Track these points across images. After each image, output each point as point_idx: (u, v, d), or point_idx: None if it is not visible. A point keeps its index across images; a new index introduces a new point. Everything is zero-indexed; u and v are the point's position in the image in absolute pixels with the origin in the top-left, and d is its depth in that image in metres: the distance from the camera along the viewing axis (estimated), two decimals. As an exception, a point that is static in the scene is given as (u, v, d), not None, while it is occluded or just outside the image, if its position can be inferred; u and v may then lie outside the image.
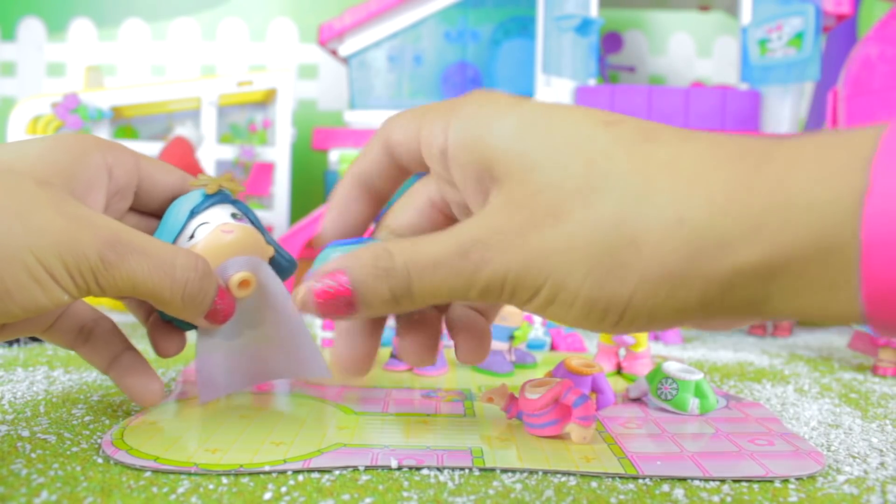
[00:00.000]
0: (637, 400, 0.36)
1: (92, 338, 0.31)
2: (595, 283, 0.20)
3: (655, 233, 0.19)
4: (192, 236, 0.30)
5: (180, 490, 0.23)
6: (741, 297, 0.19)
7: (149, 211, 0.32)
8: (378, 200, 0.29)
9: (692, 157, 0.20)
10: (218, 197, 0.31)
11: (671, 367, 0.35)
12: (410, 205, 0.28)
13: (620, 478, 0.25)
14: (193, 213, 0.30)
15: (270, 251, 0.32)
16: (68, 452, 0.26)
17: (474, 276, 0.21)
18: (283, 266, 0.33)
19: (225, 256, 0.29)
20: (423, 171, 0.27)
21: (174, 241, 0.30)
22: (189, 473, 0.25)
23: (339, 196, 0.29)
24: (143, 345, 0.36)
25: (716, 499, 0.24)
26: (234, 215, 0.31)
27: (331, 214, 0.29)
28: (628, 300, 0.20)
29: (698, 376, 0.34)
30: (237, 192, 0.31)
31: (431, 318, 0.28)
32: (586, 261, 0.20)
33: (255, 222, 0.32)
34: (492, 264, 0.21)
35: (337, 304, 0.23)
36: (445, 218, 0.28)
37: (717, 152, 0.20)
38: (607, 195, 0.20)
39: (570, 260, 0.20)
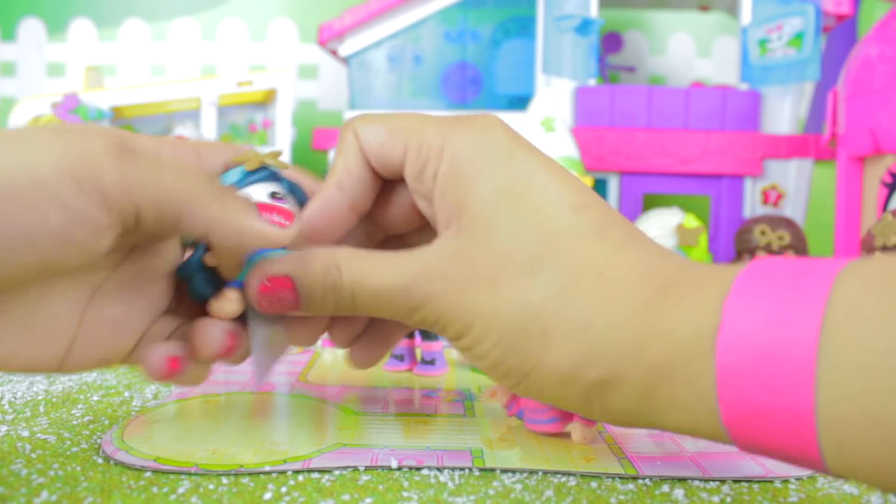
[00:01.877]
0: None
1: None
2: (502, 353, 0.23)
3: (563, 332, 0.22)
4: None
5: (180, 490, 0.23)
6: (620, 406, 0.22)
7: None
8: (359, 211, 0.28)
9: (620, 266, 0.22)
10: (261, 174, 0.28)
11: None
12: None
13: (620, 478, 0.25)
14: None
15: None
16: (68, 452, 0.26)
17: (412, 312, 0.24)
18: None
19: None
20: (383, 173, 0.27)
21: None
22: (189, 473, 0.25)
23: (327, 207, 0.28)
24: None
25: (716, 499, 0.24)
26: (273, 194, 0.28)
27: (309, 223, 0.27)
28: (525, 376, 0.23)
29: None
30: (282, 167, 0.28)
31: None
32: (500, 333, 0.23)
33: (302, 200, 0.29)
34: (428, 306, 0.24)
35: (281, 304, 0.25)
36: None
37: (638, 267, 0.22)
38: (538, 284, 0.22)
39: (489, 328, 0.23)
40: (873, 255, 0.19)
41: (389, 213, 0.29)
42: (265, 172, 0.28)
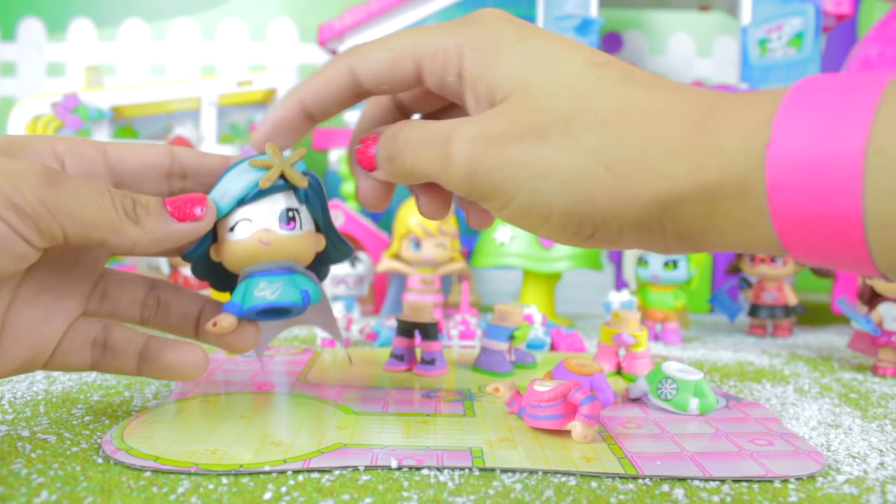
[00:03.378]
0: (637, 400, 0.36)
1: (109, 344, 0.29)
2: (570, 200, 0.24)
3: (626, 162, 0.23)
4: (232, 228, 0.28)
5: (180, 490, 0.23)
6: (688, 226, 0.23)
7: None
8: (310, 125, 0.30)
9: (659, 103, 0.23)
10: (278, 184, 0.28)
11: (671, 367, 0.35)
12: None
13: (620, 478, 0.25)
14: (242, 202, 0.28)
15: (321, 244, 0.30)
16: (68, 452, 0.26)
17: (448, 164, 0.25)
18: (335, 256, 0.32)
19: (259, 260, 0.28)
20: (390, 93, 0.29)
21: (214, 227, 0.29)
22: (189, 473, 0.25)
23: (279, 118, 0.29)
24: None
25: (716, 499, 0.24)
26: (289, 211, 0.28)
27: (265, 133, 0.29)
28: (602, 217, 0.24)
29: (698, 376, 0.34)
30: (301, 184, 0.29)
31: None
32: (563, 181, 0.23)
33: (318, 211, 0.30)
34: (464, 157, 0.24)
35: (367, 159, 0.28)
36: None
37: (677, 101, 0.23)
38: (588, 127, 0.23)
39: (547, 177, 0.24)
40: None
41: (411, 102, 0.31)
42: (280, 183, 0.28)
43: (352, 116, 0.88)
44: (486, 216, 0.31)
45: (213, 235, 0.29)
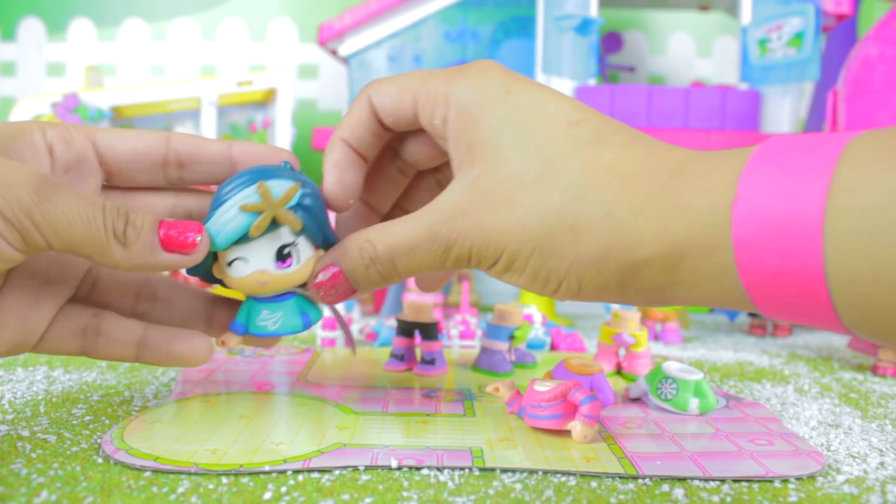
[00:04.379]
0: (637, 400, 0.36)
1: (103, 330, 0.29)
2: (539, 258, 0.25)
3: (589, 223, 0.24)
4: (229, 264, 0.28)
5: (180, 490, 0.23)
6: (651, 283, 0.24)
7: (174, 183, 0.30)
8: (365, 162, 0.31)
9: (629, 162, 0.24)
10: (271, 225, 0.27)
11: (671, 367, 0.35)
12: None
13: (620, 478, 0.25)
14: (237, 241, 0.27)
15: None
16: (68, 452, 0.26)
17: (445, 254, 0.27)
18: None
19: (256, 294, 0.29)
20: (407, 130, 0.30)
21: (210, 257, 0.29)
22: (189, 473, 0.25)
23: (337, 161, 0.30)
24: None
25: (716, 499, 0.24)
26: (283, 249, 0.28)
27: (333, 180, 0.30)
28: (564, 274, 0.25)
29: (698, 376, 0.34)
30: (295, 227, 0.27)
31: None
32: (533, 241, 0.25)
33: (316, 234, 0.29)
34: (457, 243, 0.26)
35: (338, 291, 0.28)
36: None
37: (647, 161, 0.24)
38: (555, 189, 0.25)
39: (522, 240, 0.25)
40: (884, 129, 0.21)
41: (415, 152, 0.32)
42: (274, 224, 0.27)
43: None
44: (439, 281, 0.33)
45: (213, 255, 0.29)
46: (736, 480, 0.25)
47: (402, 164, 0.32)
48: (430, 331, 0.42)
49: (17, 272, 0.27)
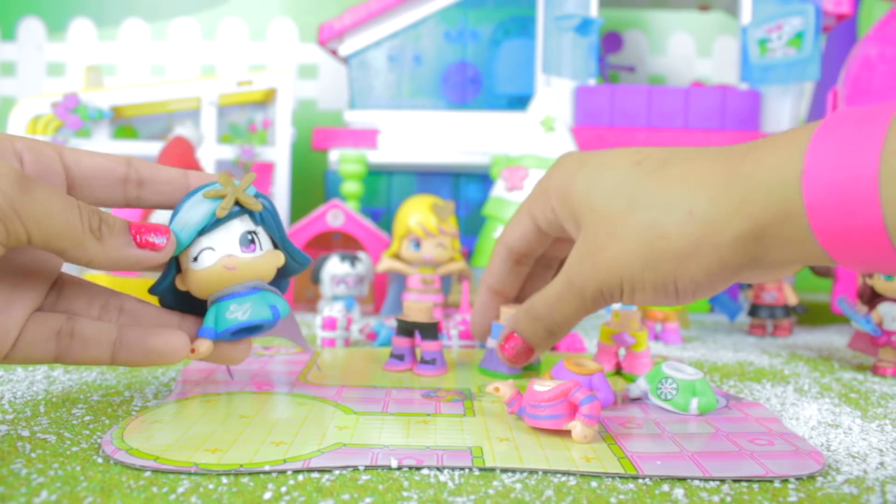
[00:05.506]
0: (637, 400, 0.36)
1: (77, 332, 0.29)
2: (650, 270, 0.30)
3: (676, 225, 0.29)
4: (195, 258, 0.30)
5: (180, 490, 0.23)
6: (746, 256, 0.28)
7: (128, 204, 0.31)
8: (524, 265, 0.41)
9: (695, 167, 0.30)
10: (234, 210, 0.30)
11: (671, 367, 0.35)
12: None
13: (620, 478, 0.25)
14: (202, 232, 0.29)
15: (281, 259, 0.32)
16: (68, 452, 0.26)
17: (582, 297, 0.32)
18: (294, 268, 0.33)
19: (225, 285, 0.30)
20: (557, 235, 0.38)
21: (176, 258, 0.30)
22: (189, 473, 0.25)
23: (496, 273, 0.41)
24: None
25: (716, 499, 0.24)
26: (248, 234, 0.30)
27: (485, 302, 0.42)
28: (675, 275, 0.30)
29: (698, 376, 0.34)
30: (256, 208, 0.30)
31: None
32: (639, 258, 0.30)
33: (274, 230, 0.31)
34: (588, 284, 0.32)
35: (519, 352, 0.36)
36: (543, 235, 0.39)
37: (711, 163, 0.29)
38: (641, 211, 0.30)
39: (630, 261, 0.30)
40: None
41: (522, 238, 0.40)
42: (237, 209, 0.30)
43: (351, 116, 0.88)
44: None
45: (177, 267, 0.31)
46: (736, 480, 0.25)
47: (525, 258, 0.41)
48: (430, 331, 0.42)
49: None
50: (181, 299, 0.32)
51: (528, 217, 0.38)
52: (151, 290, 0.31)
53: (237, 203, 0.30)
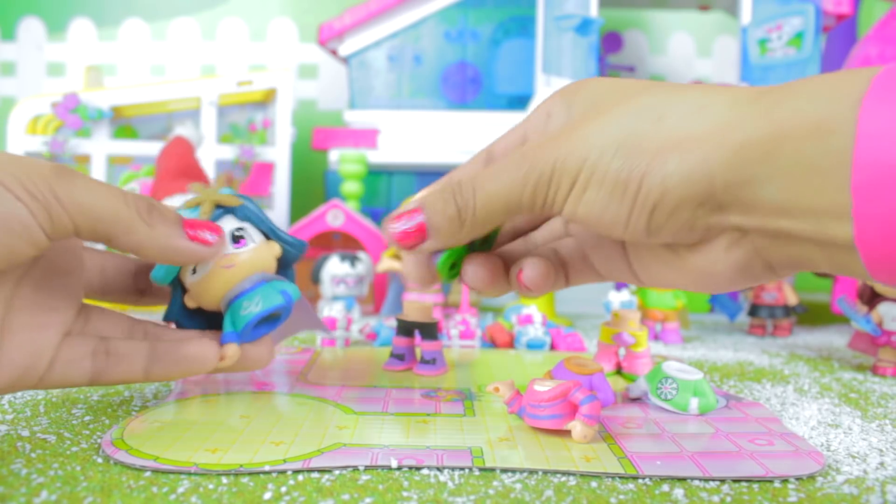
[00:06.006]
0: (637, 400, 0.36)
1: (111, 351, 0.29)
2: (621, 156, 0.23)
3: (681, 111, 0.22)
4: (193, 271, 0.30)
5: (180, 490, 0.23)
6: (742, 175, 0.21)
7: None
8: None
9: (723, 88, 0.23)
10: (215, 213, 0.30)
11: (671, 367, 0.35)
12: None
13: (620, 478, 0.25)
14: None
15: (277, 250, 0.32)
16: (68, 452, 0.26)
17: (525, 178, 0.24)
18: (293, 255, 0.33)
19: (230, 286, 0.30)
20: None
21: (175, 276, 0.31)
22: (189, 473, 0.25)
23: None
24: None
25: (716, 499, 0.24)
26: (235, 233, 0.30)
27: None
28: (646, 170, 0.22)
29: (698, 376, 0.34)
30: (236, 203, 0.31)
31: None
32: (617, 140, 0.23)
33: (259, 223, 0.32)
34: (540, 160, 0.24)
35: (407, 235, 0.26)
36: None
37: (744, 89, 0.23)
38: (647, 95, 0.23)
39: (606, 141, 0.23)
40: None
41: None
42: (218, 211, 0.30)
43: (351, 116, 0.88)
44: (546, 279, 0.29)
45: (182, 288, 0.31)
46: (736, 480, 0.25)
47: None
48: (430, 331, 0.42)
49: (20, 299, 0.27)
50: (196, 320, 0.32)
51: (521, 130, 0.29)
52: (166, 318, 0.32)
53: (218, 205, 0.30)
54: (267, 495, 0.23)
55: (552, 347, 0.52)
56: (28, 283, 0.28)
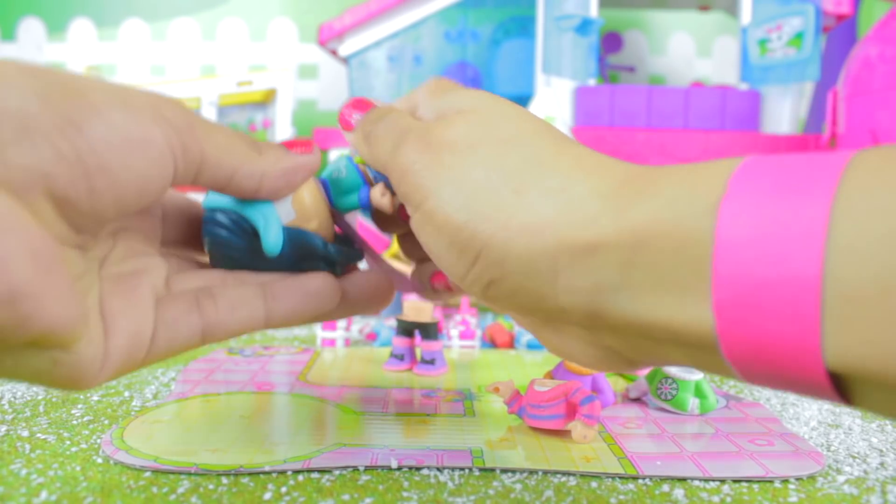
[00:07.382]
0: (637, 400, 0.36)
1: (219, 296, 0.25)
2: (467, 214, 0.21)
3: (542, 188, 0.20)
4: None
5: (180, 490, 0.23)
6: (591, 278, 0.19)
7: None
8: None
9: (595, 157, 0.22)
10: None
11: (671, 367, 0.35)
12: None
13: (620, 478, 0.25)
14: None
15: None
16: (68, 452, 0.26)
17: (395, 155, 0.24)
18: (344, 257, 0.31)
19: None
20: None
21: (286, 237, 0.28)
22: (189, 473, 0.25)
23: None
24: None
25: (716, 499, 0.24)
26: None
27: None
28: (488, 240, 0.21)
29: (698, 376, 0.34)
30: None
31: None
32: (468, 192, 0.21)
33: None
34: (407, 156, 0.23)
35: (347, 122, 0.29)
36: None
37: (614, 162, 0.21)
38: (518, 149, 0.22)
39: (458, 186, 0.21)
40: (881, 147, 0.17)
41: None
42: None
43: (352, 116, 0.88)
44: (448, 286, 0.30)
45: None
46: (736, 481, 0.25)
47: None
48: (430, 331, 0.42)
49: (108, 267, 0.24)
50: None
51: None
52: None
53: None
54: (267, 495, 0.23)
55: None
56: (117, 251, 0.25)
